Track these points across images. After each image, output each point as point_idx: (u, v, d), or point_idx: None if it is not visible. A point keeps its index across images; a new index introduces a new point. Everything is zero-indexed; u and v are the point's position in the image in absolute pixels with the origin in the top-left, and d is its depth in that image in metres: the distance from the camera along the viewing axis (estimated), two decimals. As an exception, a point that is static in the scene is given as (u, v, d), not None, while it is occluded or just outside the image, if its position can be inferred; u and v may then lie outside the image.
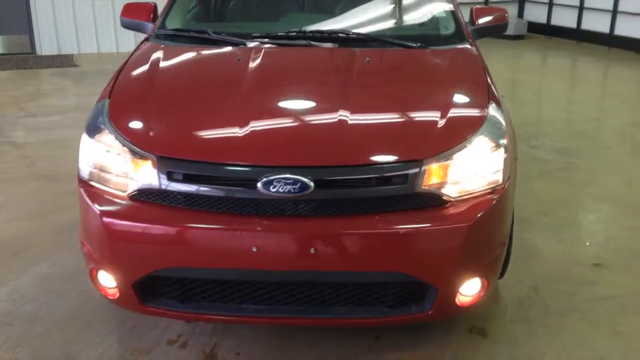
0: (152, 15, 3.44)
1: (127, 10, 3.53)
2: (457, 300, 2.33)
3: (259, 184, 2.14)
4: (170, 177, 2.21)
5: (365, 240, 2.19)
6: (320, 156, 2.24)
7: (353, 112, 2.39)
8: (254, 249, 2.14)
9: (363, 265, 2.20)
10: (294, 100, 2.60)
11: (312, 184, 2.13)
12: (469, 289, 2.33)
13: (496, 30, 3.40)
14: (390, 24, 3.48)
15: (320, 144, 2.31)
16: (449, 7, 3.34)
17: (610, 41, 9.04)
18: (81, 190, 2.36)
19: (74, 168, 4.01)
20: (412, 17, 3.52)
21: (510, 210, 2.49)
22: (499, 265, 2.47)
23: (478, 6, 3.51)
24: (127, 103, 2.56)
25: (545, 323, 2.76)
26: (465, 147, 2.30)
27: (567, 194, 4.19)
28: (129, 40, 8.63)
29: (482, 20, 3.38)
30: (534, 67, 8.73)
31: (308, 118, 2.49)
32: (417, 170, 2.20)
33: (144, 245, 2.24)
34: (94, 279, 2.40)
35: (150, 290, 2.32)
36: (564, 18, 9.68)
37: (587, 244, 3.51)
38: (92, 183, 2.35)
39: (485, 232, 2.31)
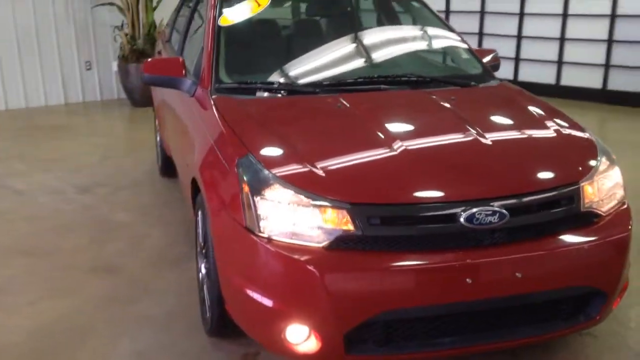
0: (183, 71, 3.23)
1: (152, 66, 3.23)
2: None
3: (461, 218, 2.22)
4: (369, 223, 2.21)
5: (561, 259, 2.35)
6: (512, 186, 2.37)
7: (499, 144, 2.60)
8: (468, 281, 2.23)
9: (560, 283, 2.35)
10: (440, 137, 2.74)
11: (507, 212, 2.27)
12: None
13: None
14: (431, 66, 3.75)
15: (506, 175, 2.45)
16: (465, 46, 3.70)
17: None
18: (268, 247, 2.23)
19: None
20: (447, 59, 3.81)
21: None
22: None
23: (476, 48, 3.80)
24: (279, 156, 2.46)
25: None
26: (596, 168, 2.54)
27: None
28: (38, 97, 8.04)
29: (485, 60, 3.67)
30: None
31: (469, 152, 2.59)
32: (579, 191, 2.42)
33: (358, 294, 2.21)
34: (282, 338, 2.28)
35: (355, 338, 2.26)
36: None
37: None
38: (275, 239, 2.25)
39: (630, 239, 2.53)
